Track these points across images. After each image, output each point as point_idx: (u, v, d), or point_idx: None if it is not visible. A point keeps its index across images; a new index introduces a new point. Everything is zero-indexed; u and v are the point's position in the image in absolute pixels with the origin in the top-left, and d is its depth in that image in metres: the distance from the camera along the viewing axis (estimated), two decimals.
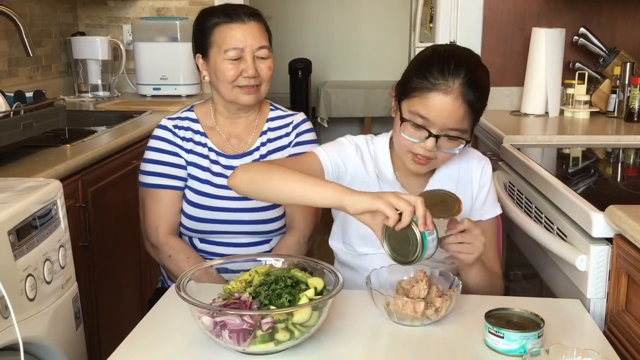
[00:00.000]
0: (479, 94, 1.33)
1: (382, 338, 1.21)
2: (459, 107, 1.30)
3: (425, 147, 1.33)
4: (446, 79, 1.30)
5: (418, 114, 1.32)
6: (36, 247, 1.28)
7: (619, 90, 2.54)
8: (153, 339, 1.19)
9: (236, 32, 1.59)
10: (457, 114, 1.31)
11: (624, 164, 2.12)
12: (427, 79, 1.31)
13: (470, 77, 1.31)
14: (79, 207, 1.89)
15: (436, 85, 1.30)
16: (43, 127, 1.94)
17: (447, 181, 1.46)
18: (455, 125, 1.32)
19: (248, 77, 1.59)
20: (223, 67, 1.59)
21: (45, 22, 3.09)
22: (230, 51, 1.59)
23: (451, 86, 1.30)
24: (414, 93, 1.33)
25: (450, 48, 1.39)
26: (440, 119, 1.31)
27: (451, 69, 1.30)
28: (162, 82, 3.23)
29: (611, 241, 1.34)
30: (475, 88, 1.31)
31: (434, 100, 1.30)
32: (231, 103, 1.65)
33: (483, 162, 1.51)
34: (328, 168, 1.43)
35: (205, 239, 1.69)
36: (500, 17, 2.80)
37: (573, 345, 1.06)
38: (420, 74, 1.32)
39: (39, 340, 1.28)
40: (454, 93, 1.30)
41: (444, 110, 1.30)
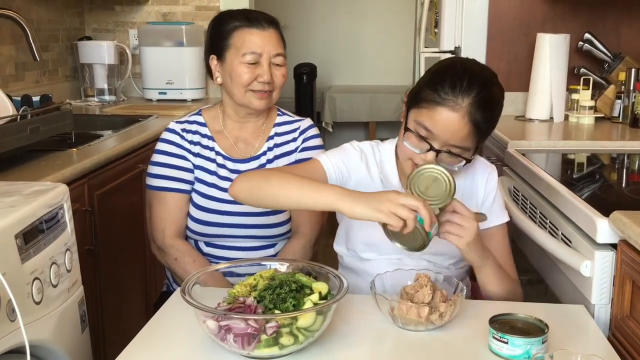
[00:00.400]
0: (487, 115, 1.32)
1: (386, 343, 1.22)
2: (464, 125, 1.30)
3: (425, 159, 1.33)
4: (456, 95, 1.29)
5: (423, 125, 1.32)
6: (43, 251, 1.29)
7: (624, 96, 2.54)
8: (158, 343, 1.20)
9: (256, 37, 1.61)
10: (462, 132, 1.31)
11: (628, 170, 2.12)
12: (437, 93, 1.30)
13: (481, 97, 1.30)
14: (84, 210, 1.89)
15: (445, 100, 1.30)
16: (50, 131, 1.96)
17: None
18: (458, 143, 1.32)
19: (263, 82, 1.61)
20: (239, 70, 1.60)
21: (52, 26, 3.11)
22: (249, 55, 1.60)
23: (460, 104, 1.29)
24: (422, 104, 1.33)
25: (467, 63, 1.37)
26: (444, 134, 1.31)
27: (463, 86, 1.29)
28: (168, 86, 3.25)
29: (615, 247, 1.34)
30: (484, 109, 1.31)
31: (440, 115, 1.30)
32: (242, 107, 1.66)
33: (488, 169, 1.50)
34: (331, 175, 1.43)
35: (211, 243, 1.69)
36: (505, 23, 2.80)
37: (577, 350, 1.06)
38: (432, 86, 1.32)
39: (45, 343, 1.29)
40: (461, 111, 1.29)
41: (448, 127, 1.30)
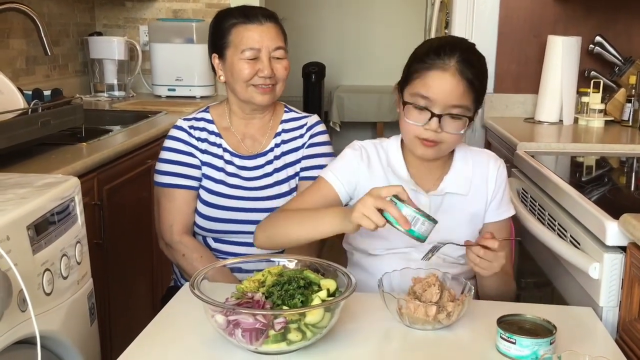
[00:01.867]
0: (476, 71, 1.37)
1: (394, 341, 1.22)
2: (457, 82, 1.34)
3: (430, 128, 1.35)
4: (442, 58, 1.35)
5: (419, 94, 1.36)
6: (54, 243, 1.30)
7: (634, 100, 2.53)
8: (165, 337, 1.20)
9: (253, 33, 1.61)
10: (457, 89, 1.34)
11: (638, 174, 2.11)
12: (424, 62, 1.36)
13: (466, 57, 1.36)
14: (94, 205, 1.90)
15: (433, 64, 1.35)
16: (60, 125, 1.96)
17: (462, 180, 1.46)
18: (457, 102, 1.35)
19: (264, 76, 1.61)
20: (239, 66, 1.61)
21: (63, 21, 3.12)
22: (247, 51, 1.61)
23: (448, 63, 1.34)
24: (413, 76, 1.38)
25: (445, 37, 1.45)
26: (441, 95, 1.34)
27: (446, 49, 1.36)
28: (177, 83, 3.25)
29: (624, 249, 1.34)
30: (472, 65, 1.36)
31: (433, 78, 1.35)
32: (246, 103, 1.67)
33: (499, 162, 1.52)
34: (341, 190, 1.46)
35: (218, 239, 1.70)
36: (516, 24, 2.80)
37: (585, 352, 1.05)
38: (417, 59, 1.38)
39: (54, 334, 1.29)
40: (451, 69, 1.34)
41: (443, 87, 1.34)
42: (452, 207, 1.45)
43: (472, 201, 1.47)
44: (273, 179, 1.69)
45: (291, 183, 1.70)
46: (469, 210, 1.46)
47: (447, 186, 1.46)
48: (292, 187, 1.70)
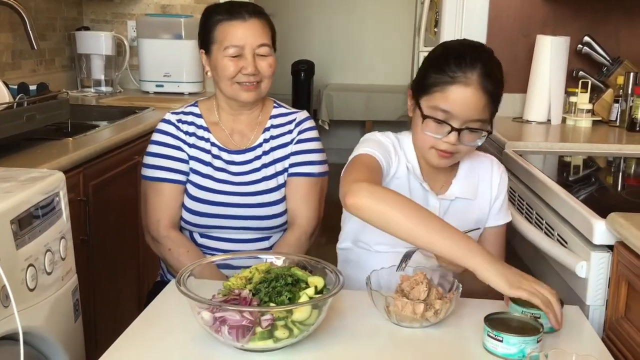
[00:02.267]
0: (497, 81, 1.35)
1: (381, 339, 1.21)
2: (480, 97, 1.32)
3: (449, 142, 1.34)
4: (464, 71, 1.31)
5: (440, 108, 1.33)
6: (38, 238, 1.28)
7: (622, 100, 2.55)
8: (151, 333, 1.19)
9: (236, 30, 1.61)
10: (479, 104, 1.32)
11: (625, 173, 2.13)
12: (445, 73, 1.32)
13: (488, 69, 1.33)
14: (79, 200, 1.88)
15: (455, 78, 1.31)
16: (46, 120, 1.94)
17: (469, 185, 1.48)
18: (478, 116, 1.34)
19: (247, 74, 1.60)
20: (223, 63, 1.61)
21: (50, 15, 3.09)
22: (230, 48, 1.60)
23: (470, 77, 1.31)
24: (433, 88, 1.34)
25: (463, 42, 1.41)
26: (463, 111, 1.32)
27: (467, 61, 1.32)
28: (165, 79, 3.23)
29: (612, 248, 1.34)
30: (493, 78, 1.33)
31: (455, 93, 1.31)
32: (232, 99, 1.66)
33: (502, 168, 1.54)
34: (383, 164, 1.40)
35: (205, 234, 1.69)
36: (505, 23, 2.80)
37: (572, 351, 1.05)
38: (437, 68, 1.34)
39: (37, 330, 1.28)
40: (473, 84, 1.31)
41: (466, 103, 1.31)
42: (458, 211, 1.46)
43: (478, 206, 1.49)
44: (261, 175, 1.68)
45: (279, 179, 1.69)
46: (474, 215, 1.48)
47: (455, 191, 1.47)
48: (280, 183, 1.69)
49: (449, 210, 1.46)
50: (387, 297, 1.23)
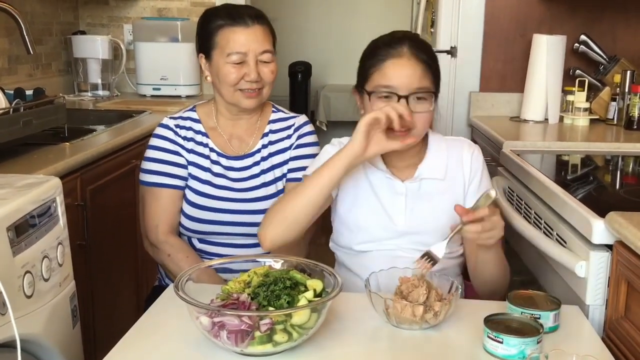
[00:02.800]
0: (429, 54, 1.41)
1: (381, 342, 1.21)
2: (414, 65, 1.38)
3: (397, 110, 1.34)
4: (394, 47, 1.39)
5: (381, 85, 1.39)
6: (35, 244, 1.27)
7: (619, 98, 2.54)
8: (150, 339, 1.19)
9: (239, 36, 1.58)
10: (416, 72, 1.38)
11: (623, 172, 2.12)
12: (377, 56, 1.40)
13: (415, 43, 1.41)
14: (77, 205, 1.88)
15: (387, 54, 1.39)
16: (43, 125, 1.94)
17: (436, 166, 1.47)
18: (419, 84, 1.38)
19: (250, 81, 1.59)
20: (225, 70, 1.59)
21: (46, 20, 3.08)
22: (233, 55, 1.58)
23: (401, 50, 1.39)
24: (370, 71, 1.40)
25: (388, 33, 1.47)
26: (402, 80, 1.37)
27: (396, 40, 1.41)
28: (162, 82, 3.23)
29: (611, 248, 1.34)
30: (423, 48, 1.41)
31: (390, 67, 1.38)
32: (232, 105, 1.65)
33: (473, 147, 1.53)
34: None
35: (204, 239, 1.68)
36: (502, 23, 2.80)
37: (572, 351, 1.05)
38: (370, 55, 1.42)
39: (35, 337, 1.27)
40: (405, 55, 1.39)
41: (403, 72, 1.37)
42: (430, 193, 1.46)
43: (450, 186, 1.48)
44: (260, 180, 1.67)
45: (278, 185, 1.68)
46: (447, 195, 1.47)
47: (422, 172, 1.47)
48: (280, 189, 1.68)
49: (420, 193, 1.46)
50: (386, 300, 1.23)
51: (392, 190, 1.46)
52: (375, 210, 1.46)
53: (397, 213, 1.45)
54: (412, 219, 1.45)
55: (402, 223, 1.45)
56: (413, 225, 1.45)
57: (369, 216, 1.46)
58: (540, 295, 1.28)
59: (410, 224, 1.45)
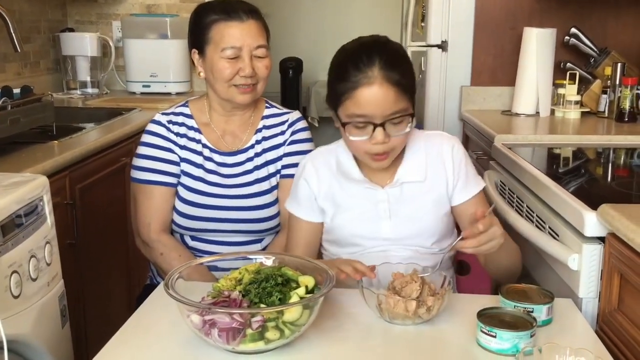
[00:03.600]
0: (401, 70, 1.33)
1: (374, 337, 1.20)
2: (387, 91, 1.31)
3: (377, 141, 1.33)
4: (363, 71, 1.31)
5: (355, 114, 1.33)
6: (21, 244, 1.26)
7: (610, 91, 2.54)
8: (141, 337, 1.17)
9: (234, 31, 1.56)
10: (389, 98, 1.31)
11: (614, 164, 2.12)
12: (347, 80, 1.32)
13: (386, 59, 1.32)
14: (66, 204, 1.86)
15: (357, 81, 1.31)
16: (30, 123, 1.92)
17: (416, 168, 1.44)
18: (393, 109, 1.32)
19: (245, 76, 1.57)
20: (220, 65, 1.57)
21: (34, 18, 3.06)
22: (228, 50, 1.56)
23: (371, 75, 1.30)
24: (342, 98, 1.34)
25: (356, 42, 1.40)
26: (377, 109, 1.31)
27: (364, 60, 1.31)
28: (152, 79, 3.20)
29: (603, 240, 1.33)
30: (394, 67, 1.32)
31: (362, 95, 1.31)
32: (226, 101, 1.63)
33: (452, 142, 1.48)
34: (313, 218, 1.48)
35: (196, 237, 1.66)
36: (492, 17, 2.79)
37: (566, 344, 1.05)
38: (339, 78, 1.34)
39: (23, 338, 1.26)
40: (377, 81, 1.30)
41: (375, 101, 1.31)
42: (412, 196, 1.44)
43: (432, 185, 1.44)
44: (253, 177, 1.66)
45: (272, 181, 1.67)
46: (430, 196, 1.44)
47: (401, 176, 1.44)
48: (273, 185, 1.66)
49: (402, 197, 1.43)
50: (379, 295, 1.22)
51: (374, 199, 1.43)
52: (360, 223, 1.44)
53: (382, 221, 1.43)
54: (398, 225, 1.42)
55: (388, 231, 1.43)
56: (400, 231, 1.42)
57: (354, 230, 1.44)
58: (533, 288, 1.27)
59: (396, 230, 1.42)
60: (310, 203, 1.47)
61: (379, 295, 1.22)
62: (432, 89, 2.88)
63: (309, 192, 1.47)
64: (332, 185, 1.46)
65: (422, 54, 2.99)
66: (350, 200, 1.45)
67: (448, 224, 1.47)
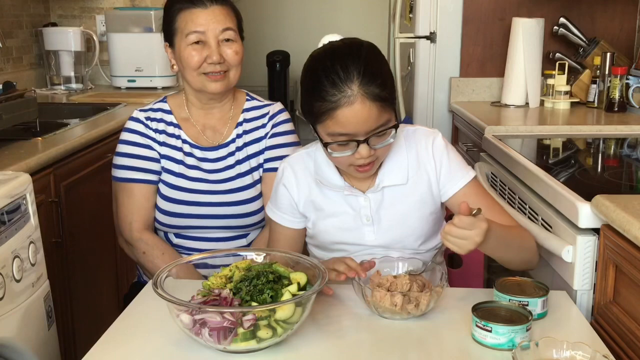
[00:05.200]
0: (380, 81, 1.24)
1: (368, 333, 1.18)
2: (369, 108, 1.23)
3: (362, 156, 1.27)
4: (342, 90, 1.22)
5: (336, 132, 1.26)
6: (4, 244, 1.23)
7: (599, 81, 2.54)
8: (130, 337, 1.15)
9: (197, 16, 1.54)
10: (372, 115, 1.24)
11: (605, 154, 2.12)
12: (325, 100, 1.24)
13: (364, 73, 1.23)
14: (51, 202, 1.83)
15: (337, 101, 1.22)
16: (13, 120, 1.88)
17: (397, 170, 1.38)
18: (376, 124, 1.25)
19: (213, 63, 1.54)
20: (186, 53, 1.54)
21: (15, 12, 3.00)
22: (191, 35, 1.53)
23: (350, 94, 1.22)
24: (322, 117, 1.26)
25: (328, 51, 1.30)
26: (359, 127, 1.24)
27: (341, 76, 1.23)
28: (137, 73, 3.16)
29: (597, 231, 1.32)
30: (373, 78, 1.24)
31: (343, 115, 1.23)
32: (201, 92, 1.60)
33: (430, 137, 1.40)
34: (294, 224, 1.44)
35: (180, 234, 1.64)
36: (480, 7, 2.78)
37: (562, 337, 1.03)
38: (317, 96, 1.25)
39: (8, 341, 1.23)
40: (357, 99, 1.22)
41: (357, 120, 1.23)
42: (394, 200, 1.38)
43: (415, 186, 1.38)
44: (235, 171, 1.63)
45: (254, 175, 1.64)
46: (413, 198, 1.38)
47: (382, 180, 1.38)
48: (256, 179, 1.64)
49: (384, 201, 1.38)
50: (365, 288, 1.20)
51: (356, 205, 1.38)
52: (343, 231, 1.40)
53: (365, 227, 1.38)
54: (381, 231, 1.38)
55: (372, 238, 1.38)
56: (384, 237, 1.38)
57: (337, 237, 1.40)
58: (527, 281, 1.26)
59: (380, 237, 1.38)
60: (292, 210, 1.43)
61: (365, 288, 1.20)
62: (420, 81, 2.86)
63: (289, 198, 1.42)
64: (312, 191, 1.41)
65: (410, 46, 2.96)
66: (332, 206, 1.39)
67: (435, 222, 1.41)
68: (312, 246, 1.48)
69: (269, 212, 1.47)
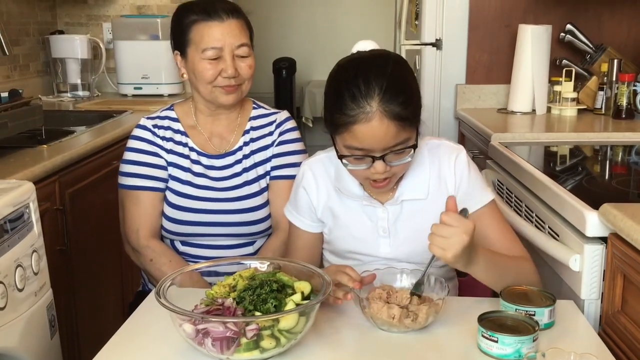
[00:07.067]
0: (402, 98, 1.21)
1: (372, 344, 1.17)
2: (387, 126, 1.20)
3: (377, 171, 1.25)
4: (362, 105, 1.20)
5: (353, 147, 1.24)
6: (7, 253, 1.22)
7: (607, 87, 2.52)
8: (133, 346, 1.15)
9: (214, 31, 1.53)
10: (389, 133, 1.21)
11: (612, 162, 2.10)
12: (344, 113, 1.22)
13: (386, 89, 1.20)
14: (56, 209, 1.82)
15: (355, 116, 1.20)
16: (18, 127, 1.89)
17: (418, 184, 1.36)
18: (394, 142, 1.23)
19: (227, 77, 1.54)
20: (201, 67, 1.54)
21: (23, 20, 3.02)
22: (209, 51, 1.53)
23: (369, 110, 1.19)
24: (340, 129, 1.24)
25: (353, 61, 1.28)
26: (376, 144, 1.22)
27: (362, 91, 1.20)
28: (144, 81, 3.17)
29: (605, 240, 1.30)
30: (395, 96, 1.20)
31: (360, 131, 1.21)
32: (211, 102, 1.60)
33: (454, 153, 1.37)
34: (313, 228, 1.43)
35: (187, 242, 1.63)
36: (487, 14, 2.77)
37: (569, 347, 1.02)
38: (336, 108, 1.23)
39: (10, 351, 1.22)
40: (376, 116, 1.19)
41: (374, 136, 1.21)
42: (413, 214, 1.36)
43: (434, 202, 1.35)
44: (242, 179, 1.62)
45: (261, 183, 1.63)
46: (431, 213, 1.31)
47: (402, 193, 1.36)
48: (263, 187, 1.63)
49: (402, 214, 1.36)
50: (363, 300, 1.18)
51: (374, 216, 1.37)
52: (358, 241, 1.39)
53: (381, 239, 1.37)
54: (397, 244, 1.37)
55: (387, 250, 1.37)
56: (399, 251, 1.37)
57: (352, 247, 1.40)
58: (534, 290, 1.25)
59: (395, 250, 1.37)
60: (310, 214, 1.42)
61: (363, 300, 1.18)
62: (426, 88, 2.85)
63: (309, 202, 1.41)
64: (331, 197, 1.40)
65: (416, 53, 2.96)
66: (349, 215, 1.38)
67: None
68: (327, 251, 1.47)
69: (287, 215, 1.46)
